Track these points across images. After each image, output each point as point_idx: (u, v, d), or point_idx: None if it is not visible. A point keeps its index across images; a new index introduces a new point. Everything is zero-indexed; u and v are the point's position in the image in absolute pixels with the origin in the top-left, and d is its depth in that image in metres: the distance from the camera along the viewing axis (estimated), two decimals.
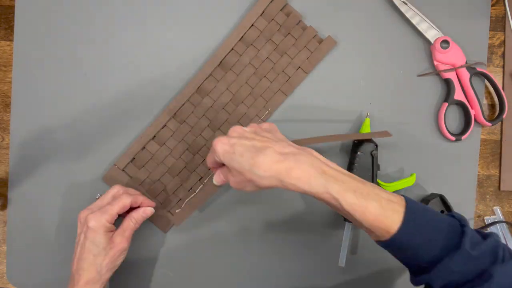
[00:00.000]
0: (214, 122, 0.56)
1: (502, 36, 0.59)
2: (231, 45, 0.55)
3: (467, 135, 0.56)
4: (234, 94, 0.55)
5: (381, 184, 0.55)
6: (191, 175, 0.56)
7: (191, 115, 0.55)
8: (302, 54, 0.56)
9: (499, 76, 0.59)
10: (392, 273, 0.58)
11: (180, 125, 0.55)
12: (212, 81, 0.55)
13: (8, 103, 0.58)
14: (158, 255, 0.58)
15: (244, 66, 0.55)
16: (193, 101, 0.55)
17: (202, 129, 0.56)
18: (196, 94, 0.55)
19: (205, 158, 0.55)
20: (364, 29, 0.58)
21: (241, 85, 0.55)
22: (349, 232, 0.56)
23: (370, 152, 0.54)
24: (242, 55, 0.55)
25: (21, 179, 0.57)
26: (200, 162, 0.56)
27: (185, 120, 0.56)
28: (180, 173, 0.56)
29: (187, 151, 0.55)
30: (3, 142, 0.59)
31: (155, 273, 0.58)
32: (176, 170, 0.56)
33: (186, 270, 0.58)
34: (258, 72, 0.55)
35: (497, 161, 0.59)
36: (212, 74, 0.55)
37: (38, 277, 0.58)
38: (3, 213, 0.58)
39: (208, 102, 0.55)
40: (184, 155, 0.56)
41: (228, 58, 0.55)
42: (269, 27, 0.55)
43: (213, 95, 0.55)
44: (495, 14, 0.59)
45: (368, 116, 0.56)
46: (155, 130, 0.55)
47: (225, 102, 0.56)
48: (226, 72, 0.55)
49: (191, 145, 0.56)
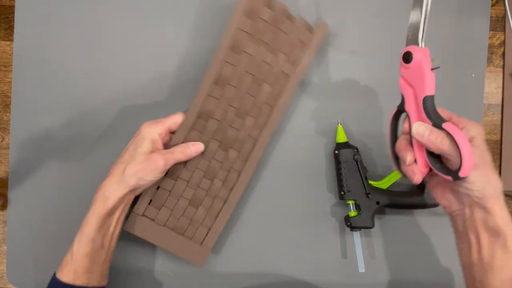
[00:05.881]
0: (224, 142, 0.52)
1: (502, 36, 0.59)
2: (221, 58, 0.50)
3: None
4: (237, 108, 0.52)
5: (374, 184, 0.55)
6: (214, 201, 0.53)
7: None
8: (296, 48, 0.53)
9: (499, 76, 0.59)
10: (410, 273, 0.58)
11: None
12: (211, 101, 0.51)
13: (8, 103, 0.58)
14: (158, 254, 0.58)
15: (240, 76, 0.51)
16: (198, 128, 0.51)
17: (214, 152, 0.52)
18: (198, 120, 0.51)
19: (224, 181, 0.53)
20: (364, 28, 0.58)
21: (243, 97, 0.52)
22: (359, 239, 0.57)
23: (353, 157, 0.54)
24: (236, 65, 0.51)
25: (21, 179, 0.57)
26: (220, 185, 0.53)
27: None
28: (203, 202, 0.52)
29: (204, 178, 0.52)
30: (3, 142, 0.59)
31: (155, 273, 0.58)
32: (198, 200, 0.52)
33: (186, 270, 0.58)
34: (256, 78, 0.52)
35: (497, 161, 0.59)
36: (210, 94, 0.50)
37: (38, 277, 0.58)
38: (3, 213, 0.58)
39: (213, 125, 0.51)
40: (202, 183, 0.52)
41: (222, 73, 0.50)
42: (256, 26, 0.51)
43: (217, 115, 0.51)
44: (495, 14, 0.59)
45: (340, 124, 0.56)
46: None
47: (231, 119, 0.52)
48: (223, 88, 0.51)
49: (206, 172, 0.52)
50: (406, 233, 0.58)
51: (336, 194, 0.58)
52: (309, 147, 0.58)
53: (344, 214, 0.58)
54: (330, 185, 0.58)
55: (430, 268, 0.58)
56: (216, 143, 0.52)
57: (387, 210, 0.58)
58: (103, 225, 0.47)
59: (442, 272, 0.58)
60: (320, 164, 0.58)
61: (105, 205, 0.46)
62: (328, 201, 0.58)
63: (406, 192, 0.56)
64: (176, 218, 0.52)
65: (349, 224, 0.56)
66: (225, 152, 0.52)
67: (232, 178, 0.53)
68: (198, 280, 0.58)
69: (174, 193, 0.52)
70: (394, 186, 0.56)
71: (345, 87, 0.58)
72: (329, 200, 0.58)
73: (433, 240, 0.58)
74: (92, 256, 0.46)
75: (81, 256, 0.46)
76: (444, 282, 0.58)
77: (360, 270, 0.56)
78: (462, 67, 0.57)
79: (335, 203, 0.58)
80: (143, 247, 0.57)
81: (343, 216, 0.58)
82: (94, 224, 0.46)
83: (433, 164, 0.41)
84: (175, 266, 0.58)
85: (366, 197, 0.54)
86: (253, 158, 0.53)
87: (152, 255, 0.58)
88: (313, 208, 0.58)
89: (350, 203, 0.55)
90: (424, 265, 0.58)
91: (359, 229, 0.55)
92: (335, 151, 0.56)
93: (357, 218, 0.55)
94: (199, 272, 0.58)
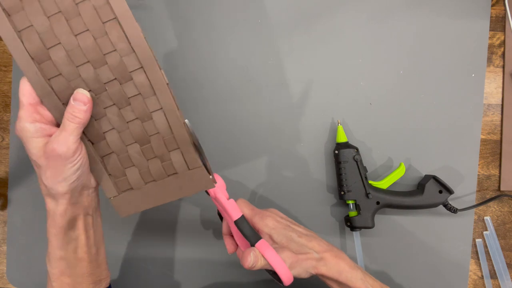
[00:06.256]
0: (94, 63, 0.39)
1: (502, 36, 0.59)
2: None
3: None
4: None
5: (374, 184, 0.55)
6: (153, 117, 0.41)
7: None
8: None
9: (499, 76, 0.59)
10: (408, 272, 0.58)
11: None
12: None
13: (8, 103, 0.58)
14: (158, 254, 0.58)
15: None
16: (49, 73, 0.38)
17: (97, 80, 0.39)
18: (41, 66, 0.38)
19: (140, 93, 0.40)
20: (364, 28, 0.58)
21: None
22: (359, 239, 0.57)
23: (353, 157, 0.55)
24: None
25: (21, 179, 0.57)
26: (140, 100, 0.40)
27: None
28: (146, 129, 0.42)
29: (121, 110, 0.41)
30: (3, 142, 0.59)
31: (155, 273, 0.58)
32: (140, 132, 0.42)
33: (186, 270, 0.58)
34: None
35: (497, 161, 0.59)
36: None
37: (38, 277, 0.58)
38: (3, 213, 0.58)
39: (61, 61, 0.38)
40: (125, 114, 0.41)
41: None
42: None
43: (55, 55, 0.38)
44: (495, 14, 0.59)
45: (340, 124, 0.57)
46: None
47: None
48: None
49: (116, 102, 0.40)
50: (406, 233, 0.58)
51: (336, 194, 0.58)
52: (309, 147, 0.58)
53: (344, 214, 0.58)
54: (330, 185, 0.58)
55: (430, 268, 0.58)
56: (87, 68, 0.39)
57: (387, 210, 0.58)
58: (68, 241, 0.41)
59: (442, 272, 0.58)
60: (320, 164, 0.58)
61: (56, 223, 0.40)
62: (328, 201, 0.58)
63: (406, 192, 0.56)
64: (146, 168, 0.44)
65: (349, 224, 0.56)
66: (105, 65, 0.39)
67: (141, 81, 0.40)
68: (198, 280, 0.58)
69: (116, 149, 0.43)
70: (394, 186, 0.56)
71: (345, 87, 0.58)
72: (329, 200, 0.58)
73: (433, 240, 0.58)
74: (71, 273, 0.42)
75: (58, 276, 0.41)
76: (444, 282, 0.58)
77: None
78: (462, 67, 0.57)
79: (335, 203, 0.58)
80: (143, 247, 0.57)
81: (343, 216, 0.58)
82: (56, 243, 0.41)
83: (266, 270, 0.45)
84: (175, 266, 0.58)
85: (366, 197, 0.54)
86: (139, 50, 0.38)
87: (152, 254, 0.58)
88: (313, 208, 0.58)
89: (350, 203, 0.55)
90: (424, 265, 0.58)
91: (359, 229, 0.55)
92: (335, 151, 0.56)
93: (357, 218, 0.55)
94: (199, 272, 0.58)
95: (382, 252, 0.58)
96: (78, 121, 0.37)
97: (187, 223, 0.59)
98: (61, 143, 0.36)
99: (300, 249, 0.45)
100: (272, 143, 0.58)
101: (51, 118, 0.39)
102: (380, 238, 0.58)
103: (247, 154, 0.58)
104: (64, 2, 0.36)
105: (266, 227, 0.46)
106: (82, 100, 0.37)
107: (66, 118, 0.37)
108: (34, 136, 0.37)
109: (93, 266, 0.43)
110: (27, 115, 0.37)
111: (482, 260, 0.58)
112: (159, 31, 0.57)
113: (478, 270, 0.59)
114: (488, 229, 0.59)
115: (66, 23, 0.37)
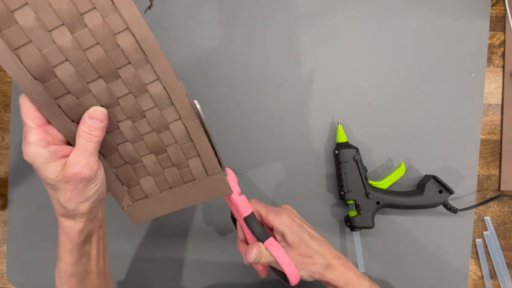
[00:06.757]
0: (104, 76, 0.35)
1: (502, 36, 0.59)
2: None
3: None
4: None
5: (374, 184, 0.55)
6: (170, 126, 0.39)
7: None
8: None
9: (499, 76, 0.59)
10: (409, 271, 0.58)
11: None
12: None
13: (8, 103, 0.58)
14: (159, 255, 0.58)
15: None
16: (55, 90, 0.35)
17: (111, 94, 0.36)
18: (46, 84, 0.34)
19: (154, 101, 0.37)
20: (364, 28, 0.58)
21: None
22: (359, 239, 0.57)
23: (353, 157, 0.55)
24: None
25: (21, 179, 0.57)
26: (155, 109, 0.38)
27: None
28: (163, 139, 0.40)
29: (135, 122, 0.38)
30: (3, 142, 0.58)
31: (155, 272, 0.58)
32: (156, 143, 0.40)
33: (185, 270, 0.58)
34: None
35: (497, 161, 0.59)
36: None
37: (38, 277, 0.58)
38: (3, 213, 0.58)
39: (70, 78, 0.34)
40: (139, 127, 0.39)
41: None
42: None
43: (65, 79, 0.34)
44: (495, 14, 0.59)
45: (340, 124, 0.57)
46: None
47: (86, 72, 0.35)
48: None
49: (130, 116, 0.38)
50: (406, 233, 0.58)
51: (336, 194, 0.58)
52: (309, 147, 0.58)
53: (344, 214, 0.58)
54: (330, 185, 0.58)
55: (430, 268, 0.58)
56: (98, 84, 0.36)
57: (387, 210, 0.58)
58: (81, 256, 0.40)
59: (442, 272, 0.58)
60: (320, 164, 0.58)
61: (72, 240, 0.39)
62: (328, 201, 0.58)
63: (406, 192, 0.56)
64: (162, 176, 0.42)
65: (349, 224, 0.56)
66: (118, 79, 0.36)
67: (158, 93, 0.37)
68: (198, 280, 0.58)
69: (130, 160, 0.41)
70: (394, 186, 0.56)
71: (345, 87, 0.58)
72: (329, 200, 0.58)
73: (433, 240, 0.58)
74: (80, 287, 0.41)
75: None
76: (444, 282, 0.58)
77: (360, 270, 0.56)
78: (462, 67, 0.57)
79: (335, 203, 0.58)
80: (143, 246, 0.57)
81: (343, 216, 0.58)
82: (70, 259, 0.39)
83: (273, 270, 0.46)
84: (175, 266, 0.58)
85: (366, 197, 0.54)
86: (152, 54, 0.35)
87: (152, 254, 0.58)
88: (313, 208, 0.58)
89: (350, 203, 0.55)
90: (424, 265, 0.58)
91: (359, 229, 0.55)
92: (335, 151, 0.56)
93: (357, 218, 0.55)
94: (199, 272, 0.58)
95: (382, 252, 0.58)
96: (96, 139, 0.35)
97: (189, 223, 0.59)
98: (84, 166, 0.34)
99: (309, 252, 0.44)
100: (272, 143, 0.58)
101: (60, 136, 0.36)
102: (380, 238, 0.58)
103: (247, 154, 0.58)
104: (67, 13, 0.32)
105: (281, 224, 0.45)
106: (99, 118, 0.35)
107: (84, 138, 0.35)
108: (50, 161, 0.34)
109: (100, 278, 0.43)
110: (38, 138, 0.34)
111: (482, 260, 0.58)
112: (156, 31, 0.57)
113: (478, 270, 0.59)
114: (488, 229, 0.59)
115: (71, 36, 0.33)
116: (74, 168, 0.34)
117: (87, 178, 0.35)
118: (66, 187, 0.35)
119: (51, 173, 0.34)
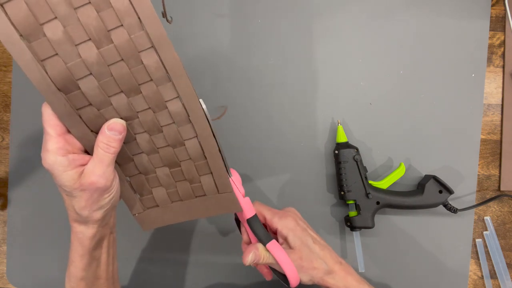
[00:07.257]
0: (126, 89, 0.36)
1: (502, 36, 0.59)
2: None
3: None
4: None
5: (374, 184, 0.55)
6: (186, 143, 0.40)
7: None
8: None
9: (499, 76, 0.59)
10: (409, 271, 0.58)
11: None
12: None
13: (8, 103, 0.58)
14: (159, 254, 0.58)
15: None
16: (77, 101, 0.36)
17: (130, 107, 0.37)
18: (68, 95, 0.35)
19: (171, 117, 0.38)
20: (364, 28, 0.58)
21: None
22: (359, 239, 0.57)
23: (353, 157, 0.55)
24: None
25: (21, 179, 0.57)
26: (172, 126, 0.39)
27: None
28: (178, 155, 0.41)
29: (152, 136, 0.39)
30: (3, 142, 0.59)
31: (155, 272, 0.58)
32: (171, 157, 0.41)
33: (187, 270, 0.58)
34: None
35: (497, 161, 0.59)
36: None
37: (38, 277, 0.58)
38: (3, 213, 0.58)
39: (89, 86, 0.35)
40: (156, 141, 0.40)
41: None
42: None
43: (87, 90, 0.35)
44: (495, 14, 0.59)
45: (340, 124, 0.57)
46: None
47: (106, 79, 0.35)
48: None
49: (147, 130, 0.39)
50: (406, 233, 0.58)
51: (336, 194, 0.58)
52: (309, 147, 0.58)
53: (344, 214, 0.58)
54: (330, 185, 0.58)
55: (430, 268, 0.58)
56: (119, 98, 0.36)
57: (387, 210, 0.58)
58: (91, 261, 0.41)
59: (442, 272, 0.58)
60: (320, 164, 0.58)
61: (84, 245, 0.40)
62: (328, 201, 0.58)
63: (406, 192, 0.56)
64: (174, 188, 0.43)
65: (349, 224, 0.56)
66: (139, 94, 0.36)
67: (177, 111, 0.38)
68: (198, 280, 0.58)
69: (144, 170, 0.42)
70: (394, 186, 0.56)
71: (345, 87, 0.58)
72: (329, 200, 0.58)
73: (433, 240, 0.58)
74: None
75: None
76: (444, 282, 0.58)
77: (360, 270, 0.56)
78: (462, 67, 0.57)
79: (335, 203, 0.58)
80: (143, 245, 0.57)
81: (343, 216, 0.58)
82: (81, 264, 0.40)
83: (273, 271, 0.45)
84: (175, 266, 0.58)
85: (366, 197, 0.54)
86: (175, 74, 0.36)
87: (152, 253, 0.58)
88: (313, 208, 0.58)
89: (350, 203, 0.55)
90: (424, 265, 0.58)
91: (359, 229, 0.55)
92: (335, 151, 0.56)
93: (357, 218, 0.55)
94: (199, 272, 0.58)
95: (382, 252, 0.58)
96: (114, 151, 0.36)
97: (191, 223, 0.59)
98: (100, 176, 0.35)
99: (310, 256, 0.44)
100: (272, 143, 0.58)
101: (79, 144, 0.37)
102: (380, 238, 0.58)
103: (247, 154, 0.58)
104: (95, 29, 0.32)
105: (285, 227, 0.45)
106: (117, 130, 0.36)
107: (102, 148, 0.35)
108: (68, 169, 0.35)
109: (109, 283, 0.43)
110: (57, 147, 0.35)
111: (482, 260, 0.58)
112: None
113: (478, 270, 0.59)
114: (488, 229, 0.59)
115: (97, 51, 0.33)
116: (91, 177, 0.35)
117: (103, 187, 0.36)
118: (82, 195, 0.36)
119: (68, 181, 0.35)
